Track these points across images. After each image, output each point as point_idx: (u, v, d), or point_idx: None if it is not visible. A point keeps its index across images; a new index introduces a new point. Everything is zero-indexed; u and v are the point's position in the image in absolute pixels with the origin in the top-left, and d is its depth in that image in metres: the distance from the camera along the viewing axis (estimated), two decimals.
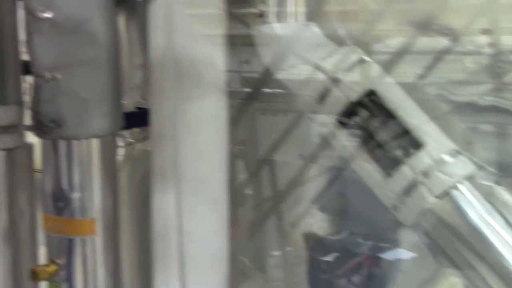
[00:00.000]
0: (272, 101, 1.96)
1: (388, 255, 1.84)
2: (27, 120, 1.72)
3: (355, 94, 1.54)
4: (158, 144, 1.63)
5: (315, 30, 1.65)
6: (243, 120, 1.97)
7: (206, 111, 1.60)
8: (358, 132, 1.59)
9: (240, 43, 1.80)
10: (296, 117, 1.88)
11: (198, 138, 1.59)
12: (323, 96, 1.55)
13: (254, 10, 1.60)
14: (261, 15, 1.60)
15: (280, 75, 1.73)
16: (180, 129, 1.57)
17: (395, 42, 1.65)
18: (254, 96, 1.93)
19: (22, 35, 1.70)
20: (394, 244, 1.83)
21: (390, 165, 1.49)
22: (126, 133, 2.15)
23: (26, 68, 1.71)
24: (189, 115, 1.57)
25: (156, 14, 1.59)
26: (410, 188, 1.44)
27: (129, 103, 2.02)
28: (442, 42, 1.61)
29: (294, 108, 1.82)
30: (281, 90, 1.83)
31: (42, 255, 1.75)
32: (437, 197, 1.43)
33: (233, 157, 1.88)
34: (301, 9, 1.64)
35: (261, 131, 2.03)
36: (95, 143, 1.59)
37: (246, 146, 2.05)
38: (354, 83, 1.55)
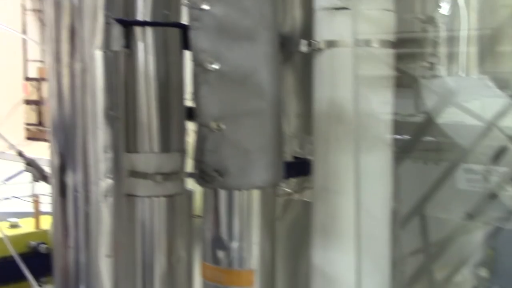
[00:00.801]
0: (427, 150, 1.89)
1: None
2: (188, 167, 1.75)
3: None
4: (320, 197, 1.60)
5: (488, 83, 1.58)
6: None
7: (371, 165, 1.56)
8: None
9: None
10: (449, 167, 1.81)
11: (362, 193, 1.55)
12: (499, 152, 1.47)
13: (424, 63, 1.55)
14: (431, 68, 1.55)
15: (444, 124, 1.67)
16: (344, 183, 1.54)
17: None
18: (415, 145, 1.88)
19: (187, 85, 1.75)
20: None
21: None
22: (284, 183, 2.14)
23: (189, 115, 1.75)
24: (354, 169, 1.54)
25: (322, 67, 1.58)
26: None
27: (287, 152, 2.02)
28: None
29: (448, 157, 1.75)
30: (432, 138, 1.77)
31: None
32: None
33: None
34: (473, 62, 1.57)
35: (413, 179, 1.96)
36: (256, 194, 1.59)
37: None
38: None
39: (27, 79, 8.64)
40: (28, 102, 11.11)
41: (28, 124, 11.49)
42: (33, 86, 8.31)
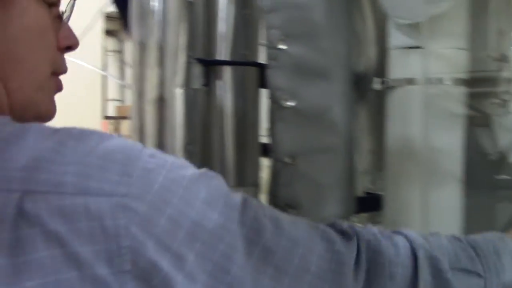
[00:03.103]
0: (502, 188, 1.87)
1: None
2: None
3: None
4: None
5: None
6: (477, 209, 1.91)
7: (441, 201, 1.57)
8: None
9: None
10: None
11: (431, 228, 1.56)
12: None
13: (497, 101, 1.57)
14: (504, 105, 1.57)
15: None
16: (413, 217, 1.56)
17: None
18: (488, 184, 1.87)
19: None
20: None
21: None
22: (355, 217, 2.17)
23: (264, 151, 1.81)
24: (424, 205, 1.56)
25: (394, 104, 1.62)
26: None
27: (359, 187, 2.05)
28: None
29: None
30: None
31: None
32: None
33: None
34: None
35: (493, 221, 1.95)
36: None
37: None
38: None
39: (106, 117, 8.91)
40: None
41: None
42: (112, 124, 8.57)
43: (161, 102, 1.77)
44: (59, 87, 0.94)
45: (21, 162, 0.75)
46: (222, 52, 1.74)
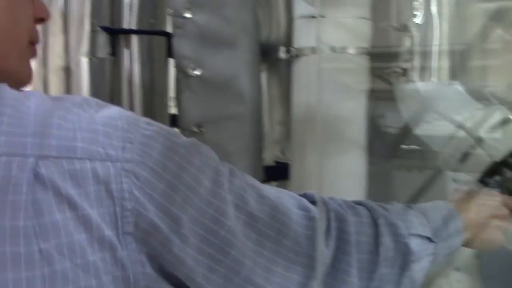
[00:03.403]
0: (408, 158, 1.94)
1: None
2: None
3: (499, 153, 1.50)
4: None
5: (458, 88, 1.63)
6: (380, 176, 1.96)
7: (346, 168, 1.61)
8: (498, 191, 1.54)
9: (377, 98, 1.81)
10: (433, 175, 1.85)
11: (337, 195, 1.60)
12: (465, 155, 1.52)
13: (398, 69, 1.61)
14: (404, 73, 1.61)
15: (420, 132, 1.71)
16: (320, 185, 1.59)
17: None
18: (393, 153, 1.92)
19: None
20: None
21: None
22: None
23: (173, 122, 1.80)
24: (329, 171, 1.59)
25: (299, 72, 1.64)
26: None
27: (269, 157, 2.07)
28: None
29: (431, 165, 1.79)
30: (418, 147, 1.81)
31: None
32: None
33: None
34: (445, 67, 1.62)
35: (396, 187, 2.01)
36: None
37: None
38: (498, 143, 1.51)
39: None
40: None
41: None
42: None
43: (66, 72, 1.74)
44: (35, 55, 0.98)
45: (32, 127, 0.77)
46: (129, 20, 1.71)
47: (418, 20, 1.65)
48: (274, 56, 1.82)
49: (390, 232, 1.06)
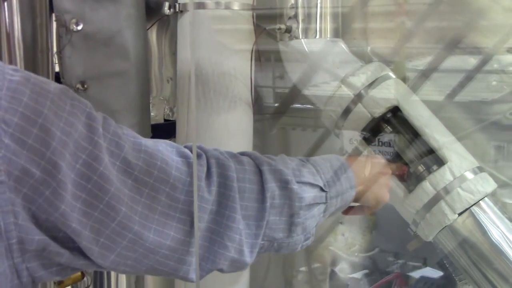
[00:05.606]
0: (301, 116, 1.97)
1: (418, 274, 1.83)
2: None
3: (379, 110, 1.55)
4: None
5: (341, 46, 1.66)
6: (275, 135, 1.99)
7: (231, 125, 1.62)
8: (382, 149, 1.58)
9: (274, 58, 1.82)
10: (324, 133, 1.89)
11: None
12: (347, 112, 1.56)
13: (282, 26, 1.62)
14: (289, 31, 1.62)
15: (307, 91, 1.74)
16: (205, 141, 1.59)
17: (423, 60, 1.65)
18: (283, 111, 1.95)
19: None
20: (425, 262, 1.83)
21: (412, 181, 1.49)
22: None
23: (57, 80, 1.75)
24: (214, 128, 1.60)
25: (184, 28, 1.62)
26: (431, 205, 1.44)
27: (158, 115, 2.06)
28: (470, 61, 1.61)
29: (322, 124, 1.82)
30: (309, 106, 1.84)
31: None
32: (458, 214, 1.43)
33: None
34: (329, 26, 1.65)
35: (291, 146, 2.04)
36: None
37: None
38: (378, 99, 1.55)
39: None
40: None
41: None
42: None
43: None
44: None
45: None
46: None
47: None
48: (159, 12, 1.79)
49: (275, 178, 1.08)
